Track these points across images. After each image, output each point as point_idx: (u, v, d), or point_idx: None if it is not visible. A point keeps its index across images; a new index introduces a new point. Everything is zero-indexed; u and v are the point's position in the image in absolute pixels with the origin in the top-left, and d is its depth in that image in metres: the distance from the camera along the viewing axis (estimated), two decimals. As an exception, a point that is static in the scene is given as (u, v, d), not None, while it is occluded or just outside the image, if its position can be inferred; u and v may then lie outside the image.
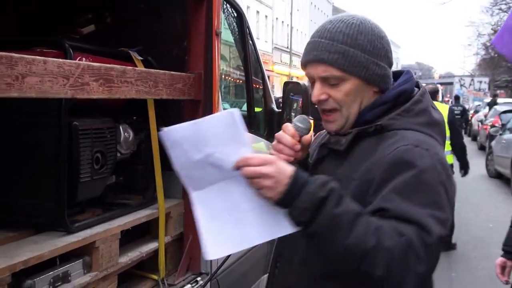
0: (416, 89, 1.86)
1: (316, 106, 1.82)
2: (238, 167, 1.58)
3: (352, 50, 1.72)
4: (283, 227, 1.61)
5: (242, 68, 4.46)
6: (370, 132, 1.74)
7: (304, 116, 1.83)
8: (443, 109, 8.33)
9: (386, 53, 1.80)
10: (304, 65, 1.81)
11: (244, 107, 6.05)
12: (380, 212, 1.56)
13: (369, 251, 1.48)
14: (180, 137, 1.63)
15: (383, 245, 1.48)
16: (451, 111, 8.22)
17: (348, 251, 1.50)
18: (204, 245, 1.67)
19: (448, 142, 8.12)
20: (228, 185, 1.64)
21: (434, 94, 8.49)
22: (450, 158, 8.15)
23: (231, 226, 1.65)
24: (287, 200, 1.55)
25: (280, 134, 1.79)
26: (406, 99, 1.79)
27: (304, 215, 1.53)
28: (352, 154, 1.76)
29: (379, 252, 1.48)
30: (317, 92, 1.76)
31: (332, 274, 1.68)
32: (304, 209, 1.53)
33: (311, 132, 1.88)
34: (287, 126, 1.79)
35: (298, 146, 1.78)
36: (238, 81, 5.63)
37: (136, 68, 2.72)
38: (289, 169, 1.57)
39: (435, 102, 6.09)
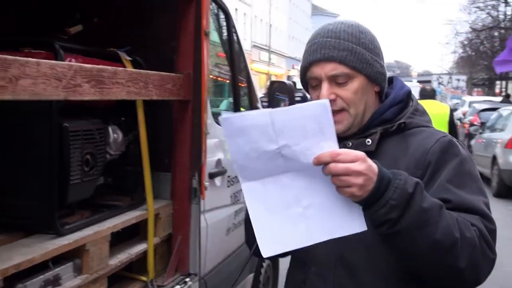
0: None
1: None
2: (323, 162, 1.46)
3: (358, 47, 1.73)
4: (352, 226, 1.53)
5: (228, 67, 4.45)
6: (393, 131, 1.76)
7: None
8: (443, 108, 8.47)
9: (382, 54, 1.83)
10: (309, 65, 1.77)
11: (223, 106, 6.06)
12: (444, 204, 1.58)
13: (457, 243, 1.50)
14: (249, 125, 1.49)
15: (465, 236, 1.51)
16: (451, 111, 8.40)
17: (436, 245, 1.50)
18: (259, 241, 1.56)
19: None
20: (287, 178, 1.53)
21: (434, 93, 8.77)
22: None
23: (290, 222, 1.54)
24: (375, 197, 1.48)
25: None
26: (410, 99, 1.86)
27: (394, 212, 1.47)
28: (382, 153, 1.75)
29: (464, 244, 1.51)
30: (326, 92, 1.71)
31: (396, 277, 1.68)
32: (395, 206, 1.47)
33: None
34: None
35: None
36: (223, 80, 5.62)
37: (127, 69, 2.71)
38: (374, 165, 1.50)
39: (434, 101, 6.21)
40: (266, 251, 1.56)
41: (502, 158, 12.19)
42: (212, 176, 3.71)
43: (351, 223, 1.52)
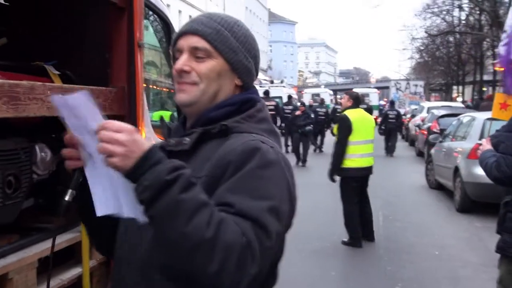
0: (258, 102, 1.90)
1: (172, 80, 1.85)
2: (95, 131, 1.54)
3: (225, 31, 1.80)
4: (137, 212, 1.57)
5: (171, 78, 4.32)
6: (215, 133, 1.76)
7: None
8: (366, 115, 8.80)
9: (255, 56, 1.89)
10: (178, 38, 1.83)
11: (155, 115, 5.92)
12: (225, 207, 1.55)
13: (207, 241, 1.46)
14: (79, 104, 1.61)
15: (223, 239, 1.47)
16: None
17: (183, 239, 1.47)
18: (94, 202, 1.67)
19: (372, 145, 8.59)
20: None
21: (360, 99, 9.11)
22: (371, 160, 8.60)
23: (111, 191, 1.65)
24: (136, 174, 1.50)
25: None
26: (250, 107, 1.84)
27: (145, 193, 1.48)
28: (196, 155, 1.75)
29: (218, 246, 1.46)
30: (182, 62, 1.78)
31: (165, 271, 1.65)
32: (146, 187, 1.48)
33: None
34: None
35: None
36: (167, 90, 5.50)
37: (47, 83, 2.54)
38: (146, 144, 1.53)
39: (358, 109, 6.25)
40: (98, 210, 1.66)
41: (464, 169, 10.96)
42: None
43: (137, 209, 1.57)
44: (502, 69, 6.37)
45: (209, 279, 1.48)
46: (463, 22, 37.74)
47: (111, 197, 1.65)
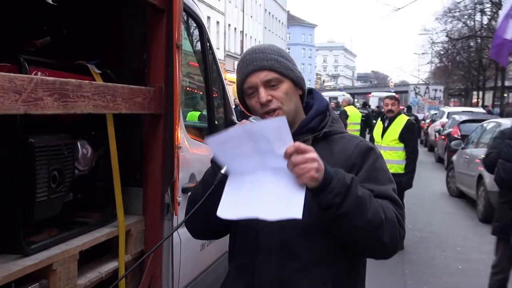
0: None
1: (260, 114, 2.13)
2: (289, 153, 1.82)
3: (280, 58, 2.15)
4: (291, 212, 1.83)
5: (203, 81, 4.40)
6: (319, 138, 2.16)
7: (258, 117, 2.11)
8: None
9: (297, 66, 2.25)
10: (245, 77, 2.14)
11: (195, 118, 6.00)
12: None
13: (383, 222, 1.94)
14: (229, 138, 1.90)
15: (388, 217, 1.96)
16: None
17: (369, 223, 1.91)
18: (221, 204, 1.94)
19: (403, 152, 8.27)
20: (263, 173, 1.91)
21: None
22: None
23: (249, 198, 1.91)
24: (326, 181, 1.85)
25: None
26: (327, 109, 2.27)
27: (338, 197, 1.87)
28: None
29: (388, 223, 1.95)
30: (263, 95, 2.09)
31: (325, 259, 2.07)
32: (338, 193, 1.87)
33: None
34: (245, 121, 2.02)
35: None
36: (195, 91, 5.57)
37: (93, 82, 2.62)
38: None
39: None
40: (221, 213, 1.92)
41: (489, 178, 9.89)
42: (185, 191, 3.64)
43: (291, 210, 1.83)
44: None
45: (384, 246, 1.98)
46: (485, 26, 37.36)
47: (241, 207, 1.92)
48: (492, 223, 5.62)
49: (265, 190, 1.90)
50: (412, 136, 8.29)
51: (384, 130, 8.36)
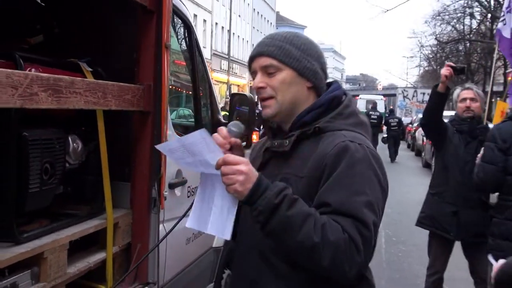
0: (344, 96, 2.13)
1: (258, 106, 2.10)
2: (219, 165, 1.84)
3: (287, 45, 2.03)
4: (223, 232, 1.95)
5: (190, 80, 4.50)
6: (310, 134, 2.01)
7: (237, 122, 2.11)
8: None
9: (319, 58, 2.10)
10: (250, 62, 2.10)
11: (174, 115, 6.11)
12: (324, 208, 1.86)
13: (316, 244, 1.77)
14: (173, 147, 1.98)
15: (329, 240, 1.78)
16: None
17: (299, 246, 1.80)
18: (190, 215, 2.02)
19: None
20: (216, 185, 1.95)
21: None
22: None
23: (204, 211, 1.99)
24: (252, 197, 1.82)
25: (214, 135, 2.02)
26: (337, 104, 2.08)
27: (261, 216, 1.82)
28: (296, 154, 2.02)
29: (326, 246, 1.77)
30: (257, 81, 2.05)
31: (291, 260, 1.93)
32: (260, 211, 1.81)
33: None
34: (221, 129, 2.06)
35: (228, 146, 2.01)
36: (180, 90, 5.68)
37: (84, 79, 2.75)
38: (256, 172, 1.87)
39: None
40: (189, 223, 2.02)
41: None
42: (172, 186, 3.75)
43: (224, 230, 1.95)
44: None
45: (324, 271, 1.83)
46: (474, 30, 37.42)
47: (202, 218, 1.99)
48: (419, 214, 5.24)
49: (215, 203, 1.96)
50: None
51: None
